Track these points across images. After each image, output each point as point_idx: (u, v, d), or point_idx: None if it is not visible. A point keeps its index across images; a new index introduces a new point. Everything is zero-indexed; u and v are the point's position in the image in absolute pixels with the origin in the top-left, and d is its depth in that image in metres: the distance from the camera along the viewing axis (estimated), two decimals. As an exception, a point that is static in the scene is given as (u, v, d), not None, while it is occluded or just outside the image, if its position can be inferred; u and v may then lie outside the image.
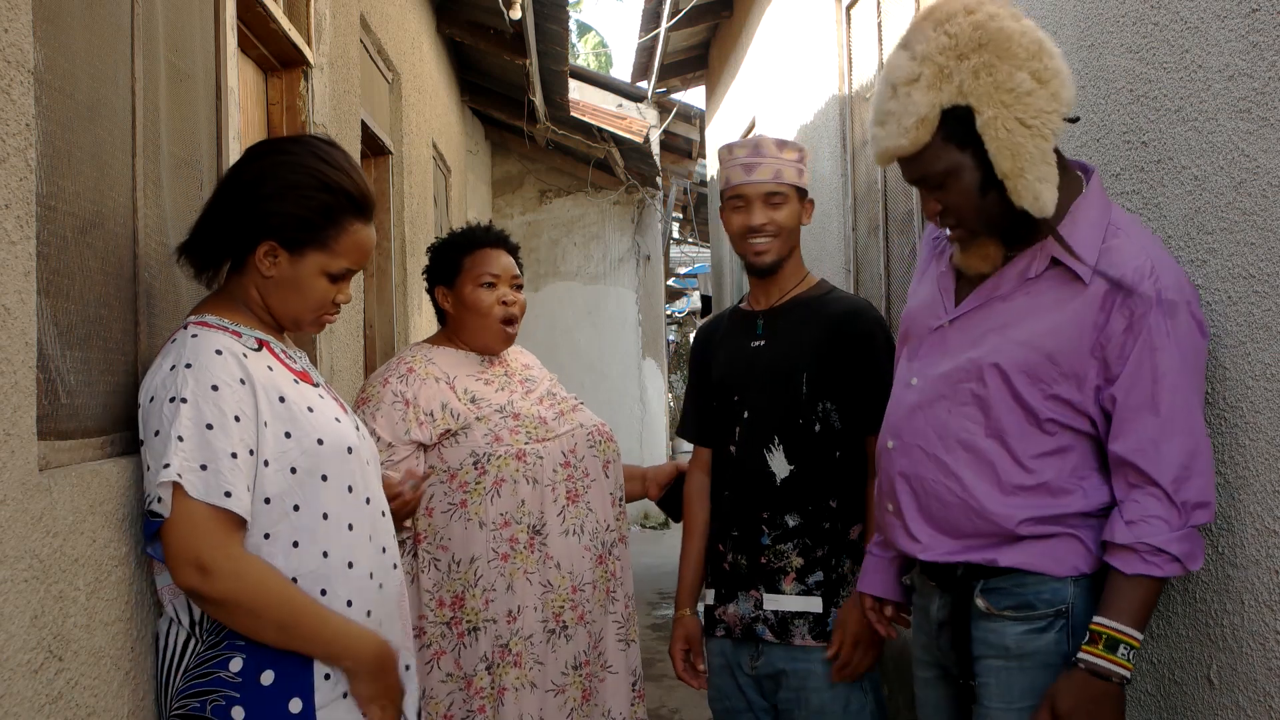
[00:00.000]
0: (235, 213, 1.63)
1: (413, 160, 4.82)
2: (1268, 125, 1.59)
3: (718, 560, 2.40)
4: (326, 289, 1.68)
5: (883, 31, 3.86)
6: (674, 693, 5.05)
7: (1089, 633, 1.64)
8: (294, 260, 1.64)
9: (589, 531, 2.36)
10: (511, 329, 2.44)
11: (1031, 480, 1.73)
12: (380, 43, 4.19)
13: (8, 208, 1.26)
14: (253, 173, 1.65)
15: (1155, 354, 1.65)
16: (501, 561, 2.27)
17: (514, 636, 2.26)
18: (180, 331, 1.60)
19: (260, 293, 1.67)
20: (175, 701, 1.52)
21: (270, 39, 2.72)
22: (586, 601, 2.34)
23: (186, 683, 1.51)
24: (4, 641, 1.21)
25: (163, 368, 1.55)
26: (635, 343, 9.97)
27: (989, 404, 1.74)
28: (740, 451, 2.36)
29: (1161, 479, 1.63)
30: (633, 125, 8.50)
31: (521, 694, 2.25)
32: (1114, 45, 2.03)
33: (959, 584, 1.80)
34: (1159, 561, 1.62)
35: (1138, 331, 1.65)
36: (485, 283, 2.40)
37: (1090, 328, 1.68)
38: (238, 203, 1.63)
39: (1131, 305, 1.66)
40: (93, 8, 1.63)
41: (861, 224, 4.26)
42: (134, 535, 1.56)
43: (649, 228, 10.44)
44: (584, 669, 2.33)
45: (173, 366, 1.54)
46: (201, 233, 1.67)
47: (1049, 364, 1.71)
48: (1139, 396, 1.65)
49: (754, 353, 2.39)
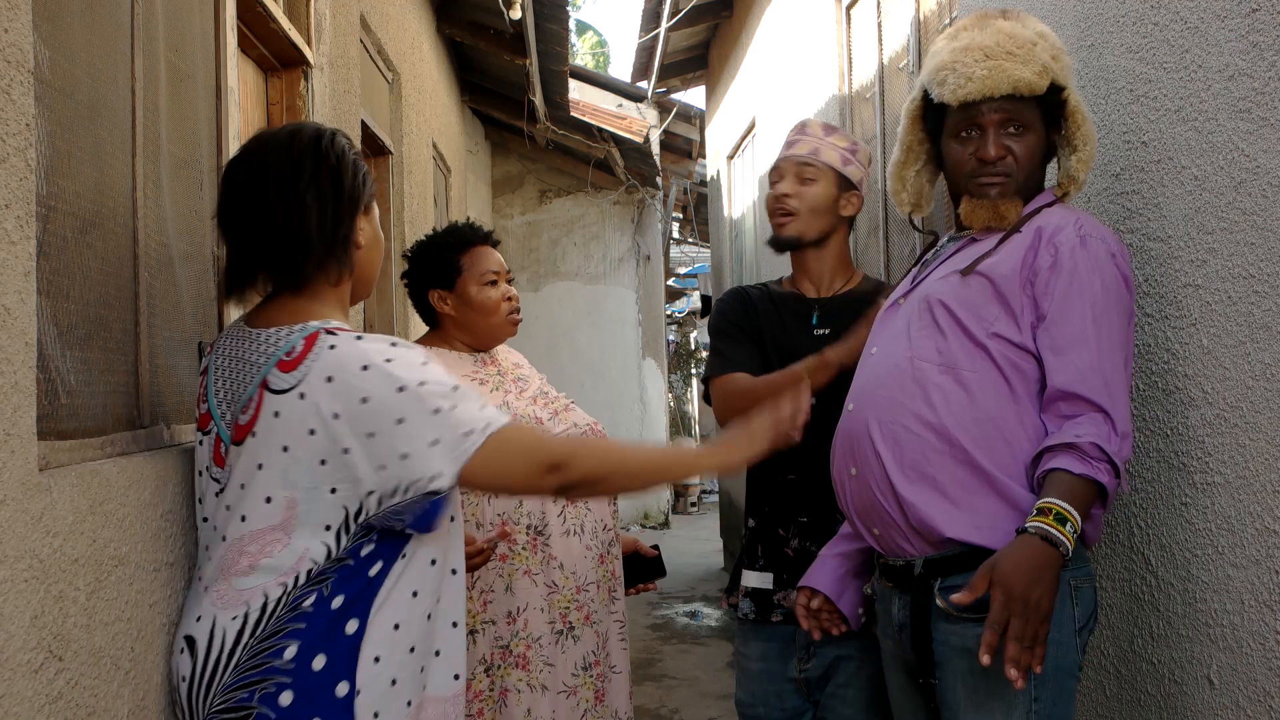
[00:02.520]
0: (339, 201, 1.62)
1: (413, 160, 4.82)
2: (1268, 125, 1.59)
3: (778, 545, 2.33)
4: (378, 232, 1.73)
5: (883, 31, 3.87)
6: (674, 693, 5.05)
7: (1036, 509, 1.63)
8: (369, 219, 1.69)
9: (589, 531, 2.36)
10: (518, 319, 2.47)
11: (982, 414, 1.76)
12: (380, 43, 4.19)
13: (8, 208, 1.26)
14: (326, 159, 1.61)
15: (1082, 288, 1.73)
16: (500, 563, 2.27)
17: (515, 638, 2.26)
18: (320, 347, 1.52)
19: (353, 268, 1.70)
20: (219, 697, 1.52)
21: (270, 39, 2.72)
22: (591, 602, 2.34)
23: (236, 676, 1.51)
24: (4, 641, 1.21)
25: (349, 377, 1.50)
26: (635, 343, 9.97)
27: (945, 338, 1.80)
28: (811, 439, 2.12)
29: (1103, 403, 1.68)
30: (633, 125, 8.51)
31: (528, 696, 2.25)
32: (1114, 45, 2.03)
33: (918, 583, 1.79)
34: (1102, 468, 1.64)
35: (1061, 268, 1.75)
36: (489, 281, 2.41)
37: (1019, 262, 1.78)
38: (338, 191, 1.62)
39: (1056, 243, 1.77)
40: (93, 8, 1.63)
41: (862, 224, 4.26)
42: (134, 535, 1.56)
43: (649, 228, 10.45)
44: (594, 669, 2.33)
45: (364, 367, 1.49)
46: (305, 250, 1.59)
47: (986, 299, 1.77)
48: (1072, 330, 1.72)
49: (821, 340, 2.29)
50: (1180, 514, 1.85)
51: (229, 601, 1.54)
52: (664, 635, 6.36)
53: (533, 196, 9.81)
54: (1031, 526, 1.61)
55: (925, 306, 1.84)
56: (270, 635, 1.51)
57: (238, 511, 1.54)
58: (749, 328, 2.40)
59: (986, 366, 1.76)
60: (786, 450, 2.28)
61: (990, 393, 1.75)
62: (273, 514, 1.52)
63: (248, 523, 1.53)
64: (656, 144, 9.05)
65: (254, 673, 1.50)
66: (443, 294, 2.44)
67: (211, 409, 1.59)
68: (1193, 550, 1.82)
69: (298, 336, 1.53)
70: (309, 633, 1.51)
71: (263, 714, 1.48)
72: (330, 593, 1.52)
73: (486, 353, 2.48)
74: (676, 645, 6.13)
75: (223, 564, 1.54)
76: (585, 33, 20.78)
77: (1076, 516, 1.62)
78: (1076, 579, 1.75)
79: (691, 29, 7.18)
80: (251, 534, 1.53)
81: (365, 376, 1.49)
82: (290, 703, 1.49)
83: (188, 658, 1.54)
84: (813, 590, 2.07)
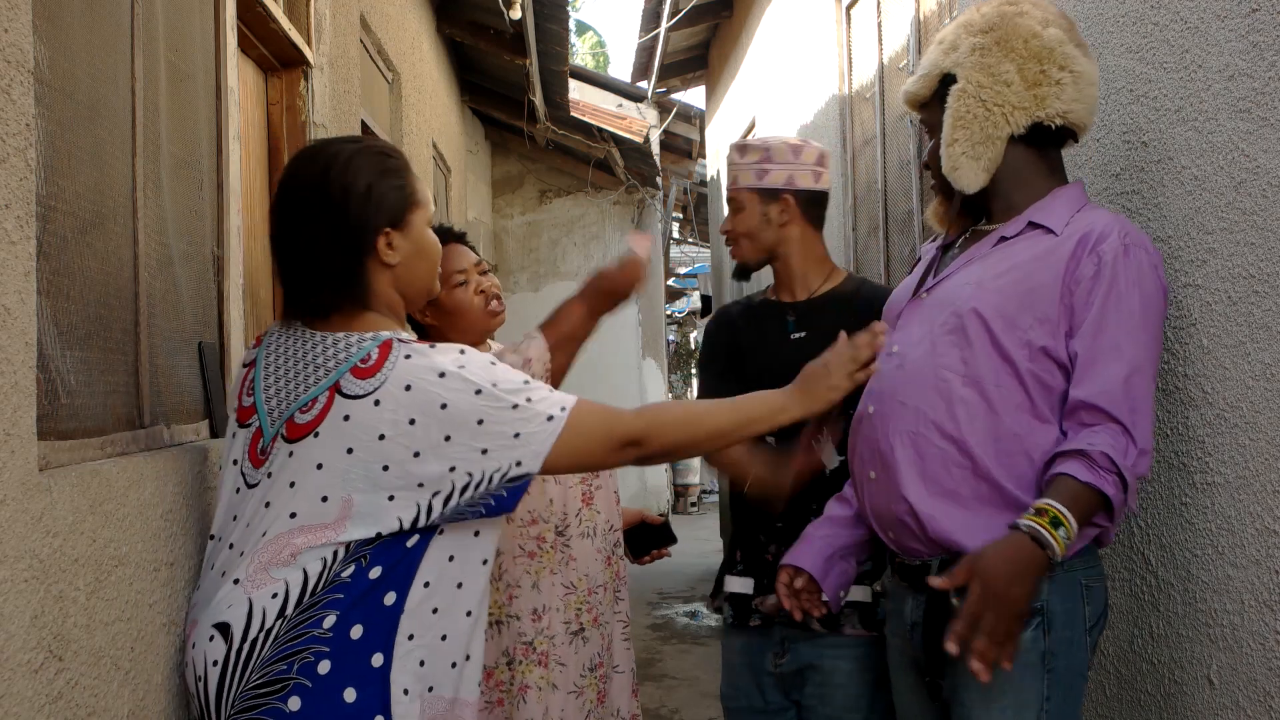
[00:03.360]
0: (345, 237, 1.61)
1: (413, 160, 4.78)
2: (1268, 125, 1.59)
3: (757, 551, 2.35)
4: (434, 238, 1.73)
5: (883, 31, 3.86)
6: (674, 693, 5.06)
7: (1034, 509, 1.62)
8: (404, 233, 1.66)
9: (599, 533, 2.37)
10: (497, 306, 2.41)
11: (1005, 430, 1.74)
12: (380, 43, 4.20)
13: (8, 208, 1.26)
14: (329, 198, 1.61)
15: (1120, 299, 1.69)
16: (528, 559, 2.27)
17: (539, 635, 2.26)
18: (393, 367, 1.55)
19: (392, 285, 1.66)
20: (257, 673, 1.52)
21: (270, 39, 2.72)
22: (599, 604, 2.35)
23: (276, 649, 1.51)
24: (4, 641, 1.21)
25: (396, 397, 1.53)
26: (635, 343, 9.97)
27: (973, 349, 1.76)
28: (786, 444, 2.27)
29: (1122, 417, 1.65)
30: (633, 125, 8.50)
31: (546, 694, 2.25)
32: (1114, 45, 2.03)
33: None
34: (1109, 479, 1.62)
35: (1102, 277, 1.70)
36: (458, 283, 2.37)
37: (1061, 271, 1.73)
38: (340, 228, 1.60)
39: (1100, 251, 1.71)
40: (93, 8, 1.63)
41: (862, 224, 4.26)
42: (134, 535, 1.56)
43: (649, 228, 10.44)
44: (598, 671, 2.34)
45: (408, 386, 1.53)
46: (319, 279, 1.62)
47: (1022, 307, 1.74)
48: (1104, 342, 1.69)
49: (796, 345, 2.32)
50: (1180, 514, 1.85)
51: (263, 584, 1.55)
52: (664, 635, 6.36)
53: (533, 196, 9.81)
54: (1024, 525, 1.61)
55: (953, 312, 1.80)
56: (310, 607, 1.53)
57: (285, 508, 1.55)
58: (730, 353, 2.48)
59: (1011, 381, 1.73)
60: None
61: (1013, 408, 1.73)
62: (328, 512, 1.54)
63: (298, 519, 1.54)
64: (656, 144, 9.05)
65: (294, 644, 1.51)
66: (422, 310, 2.42)
67: (258, 404, 1.60)
68: (1193, 550, 1.82)
69: (371, 345, 1.57)
70: (346, 602, 1.53)
71: (300, 683, 1.49)
72: (369, 564, 1.54)
73: (483, 347, 2.48)
74: (676, 645, 6.13)
75: (262, 558, 1.55)
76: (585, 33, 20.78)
77: (1073, 522, 1.60)
78: (1088, 578, 1.74)
79: (691, 29, 7.18)
80: (301, 528, 1.54)
81: (443, 384, 1.54)
82: (328, 671, 1.50)
83: (220, 644, 1.53)
84: (796, 569, 2.06)
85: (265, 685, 1.50)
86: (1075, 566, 1.71)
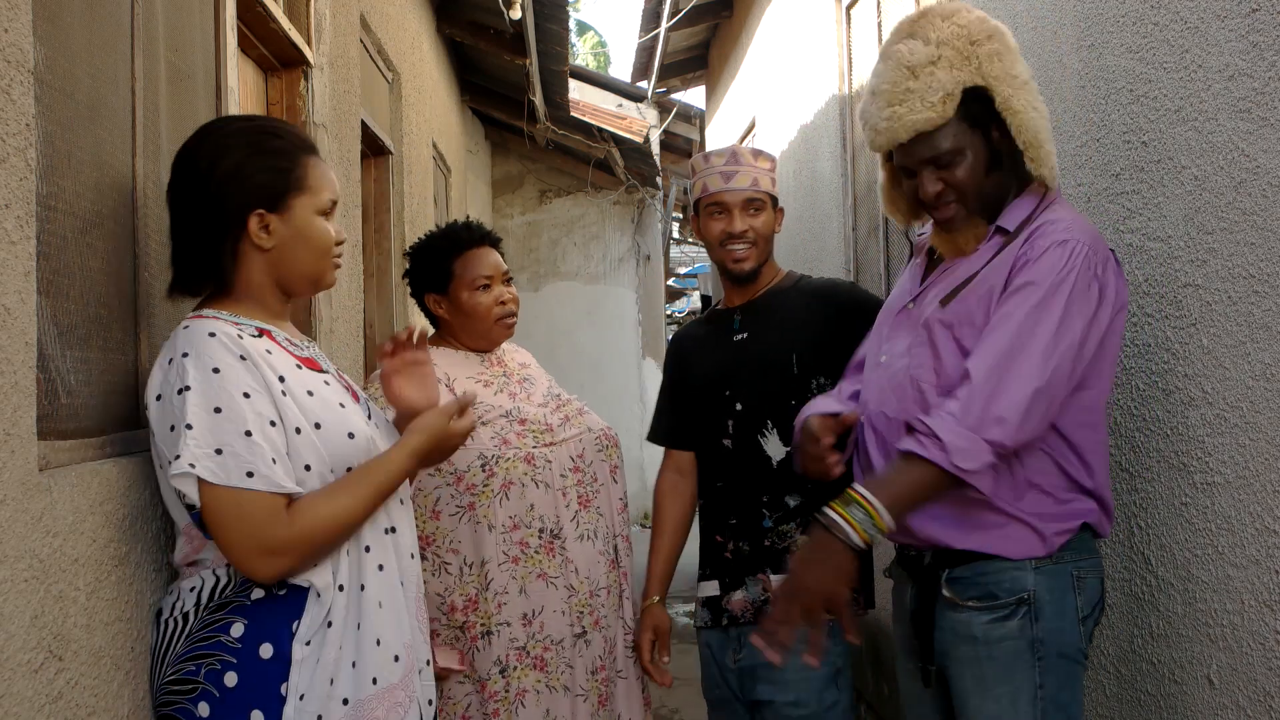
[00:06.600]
0: (206, 214, 1.58)
1: (413, 160, 4.82)
2: (1268, 125, 1.59)
3: (717, 551, 2.43)
4: (325, 227, 1.66)
5: (882, 31, 3.87)
6: (674, 693, 5.05)
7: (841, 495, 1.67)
8: (284, 217, 1.61)
9: (602, 536, 2.37)
10: (511, 321, 2.45)
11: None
12: (380, 43, 4.19)
13: (8, 208, 1.26)
14: (197, 172, 1.59)
15: (1034, 287, 1.68)
16: (512, 565, 2.26)
17: (532, 640, 2.25)
18: (176, 329, 1.59)
19: (266, 271, 1.63)
20: (171, 667, 1.51)
21: (270, 39, 2.72)
22: (602, 607, 2.35)
23: (189, 646, 1.51)
24: (4, 641, 1.21)
25: (162, 364, 1.53)
26: (635, 343, 9.97)
27: (940, 360, 1.78)
28: (736, 442, 2.39)
29: (978, 377, 1.66)
30: (633, 125, 8.51)
31: (547, 697, 2.24)
32: (1114, 45, 2.03)
33: (926, 573, 1.83)
34: (928, 444, 1.64)
35: (1029, 263, 1.71)
36: (481, 285, 2.39)
37: (1009, 267, 1.74)
38: (202, 204, 1.58)
39: (1035, 242, 1.73)
40: (93, 8, 1.63)
41: (861, 224, 4.26)
42: (134, 535, 1.56)
43: (649, 228, 10.45)
44: (600, 674, 2.34)
45: (170, 360, 1.51)
46: (185, 257, 1.62)
47: (982, 311, 1.75)
48: (1000, 315, 1.69)
49: (739, 345, 2.44)
50: (1180, 514, 1.85)
51: (190, 574, 1.57)
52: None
53: (533, 196, 9.81)
54: (820, 514, 1.66)
55: (924, 323, 1.83)
56: (219, 609, 1.52)
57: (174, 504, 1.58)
58: (678, 365, 2.58)
59: None
60: (714, 458, 2.40)
61: None
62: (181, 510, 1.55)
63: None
64: (656, 144, 9.04)
65: (203, 645, 1.51)
66: (437, 298, 2.44)
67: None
68: (1193, 550, 1.82)
69: (179, 329, 1.57)
70: (254, 612, 1.51)
71: (207, 690, 1.48)
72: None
73: (491, 353, 2.48)
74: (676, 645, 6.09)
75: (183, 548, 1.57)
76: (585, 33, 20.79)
77: (872, 500, 1.63)
78: (1081, 570, 1.77)
79: (691, 29, 7.18)
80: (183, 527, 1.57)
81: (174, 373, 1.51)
82: (234, 685, 1.48)
83: (153, 630, 1.57)
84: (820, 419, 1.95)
85: (178, 684, 1.50)
86: (1065, 558, 1.75)
